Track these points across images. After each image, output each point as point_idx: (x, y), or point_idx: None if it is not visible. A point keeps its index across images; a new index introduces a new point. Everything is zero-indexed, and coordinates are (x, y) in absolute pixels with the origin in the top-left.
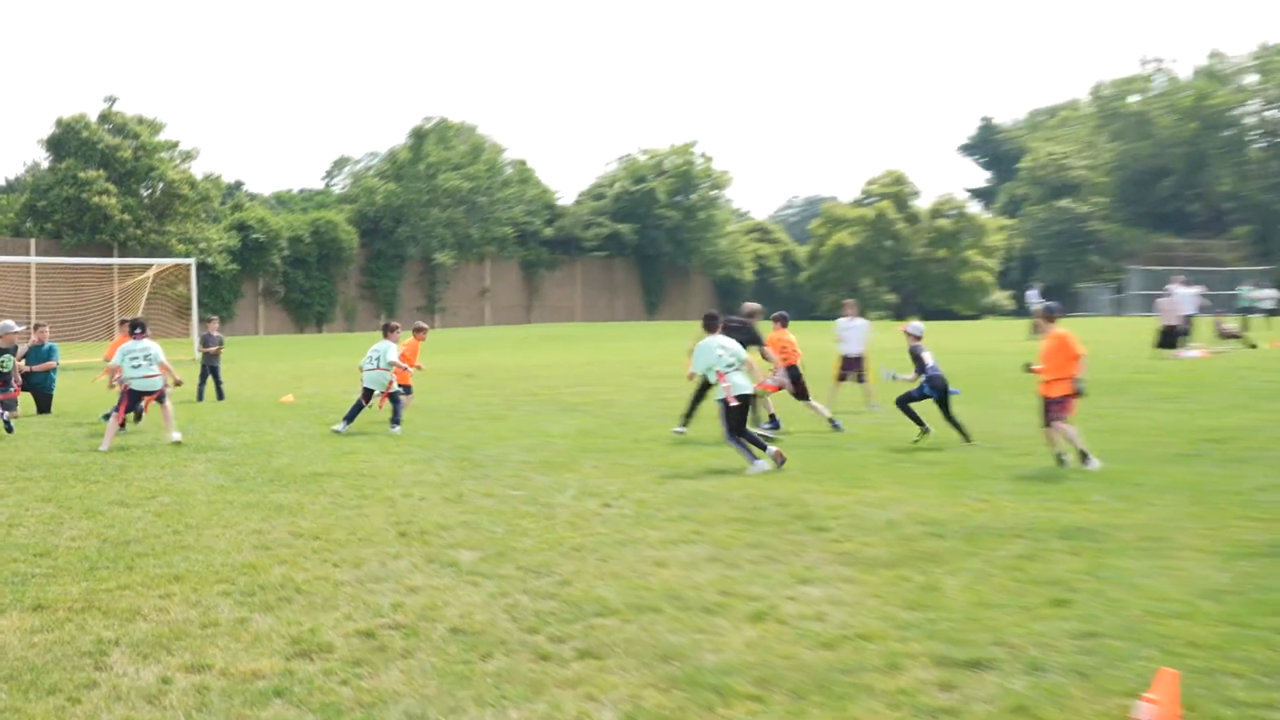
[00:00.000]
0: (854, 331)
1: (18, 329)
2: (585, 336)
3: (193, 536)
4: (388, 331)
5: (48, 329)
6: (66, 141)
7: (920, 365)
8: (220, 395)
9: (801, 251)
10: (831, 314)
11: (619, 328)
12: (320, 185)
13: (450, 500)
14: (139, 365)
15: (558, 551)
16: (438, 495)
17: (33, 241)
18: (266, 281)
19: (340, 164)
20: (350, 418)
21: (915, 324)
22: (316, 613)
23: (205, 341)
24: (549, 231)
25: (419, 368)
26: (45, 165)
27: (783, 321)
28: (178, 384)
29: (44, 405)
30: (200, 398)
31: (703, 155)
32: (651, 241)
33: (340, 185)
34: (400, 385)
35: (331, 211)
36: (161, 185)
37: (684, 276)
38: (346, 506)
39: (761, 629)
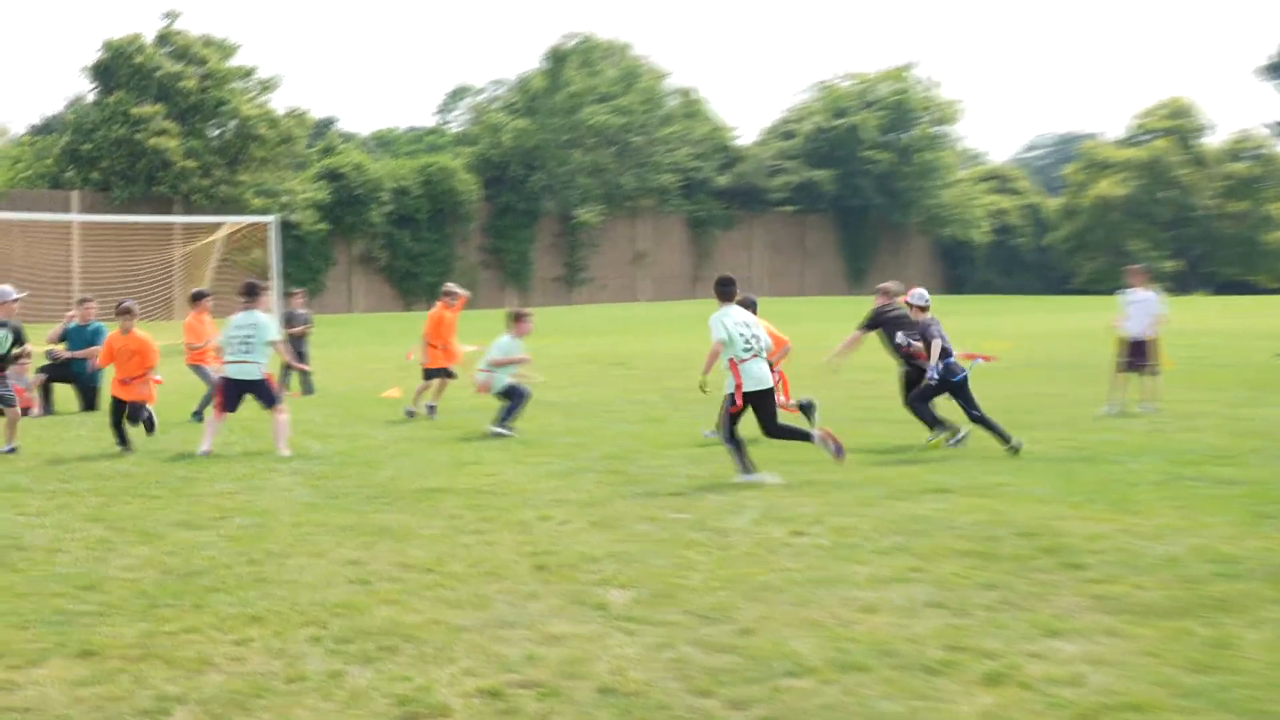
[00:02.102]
0: (1141, 307)
1: (16, 296)
2: (770, 314)
3: (274, 567)
4: (516, 321)
5: (94, 304)
6: (116, 69)
7: (941, 338)
8: (307, 389)
9: (1052, 205)
10: (1091, 287)
11: (812, 304)
12: (432, 122)
13: (598, 525)
14: (242, 347)
15: (736, 591)
16: (582, 518)
17: (75, 194)
18: (364, 245)
19: (457, 96)
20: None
21: (918, 291)
22: (429, 666)
23: (289, 321)
24: (723, 180)
25: (438, 348)
26: (90, 99)
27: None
28: (302, 372)
29: (89, 400)
30: (284, 385)
31: (924, 80)
32: (855, 192)
33: (457, 122)
34: (436, 369)
35: (446, 156)
36: (234, 123)
37: (898, 237)
38: (467, 531)
39: (999, 695)
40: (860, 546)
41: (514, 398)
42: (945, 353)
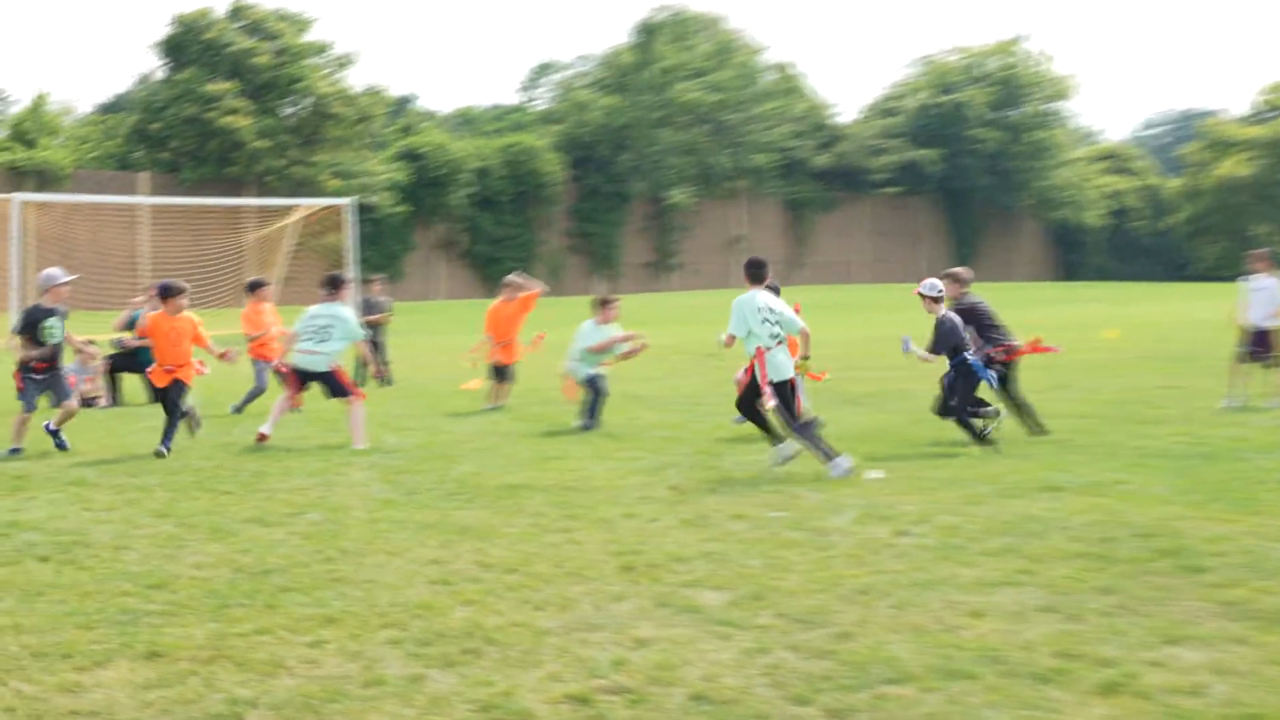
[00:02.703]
0: (1264, 295)
1: (66, 279)
2: (872, 303)
3: (350, 566)
4: (601, 307)
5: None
6: (187, 45)
7: (950, 341)
8: (385, 380)
9: (1171, 186)
10: (1212, 273)
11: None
12: (516, 100)
13: (689, 523)
14: (316, 337)
15: (834, 594)
16: (672, 516)
17: (143, 176)
18: (444, 229)
19: (542, 72)
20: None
21: (931, 281)
22: (512, 670)
23: (367, 308)
24: (823, 160)
25: (500, 344)
26: (160, 76)
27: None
28: (377, 376)
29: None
30: (359, 383)
31: (1035, 55)
32: (963, 173)
33: (543, 100)
34: (498, 366)
35: (531, 135)
36: (309, 102)
37: (1008, 220)
38: (552, 530)
39: (1115, 706)
40: (967, 547)
41: (595, 391)
42: (956, 350)
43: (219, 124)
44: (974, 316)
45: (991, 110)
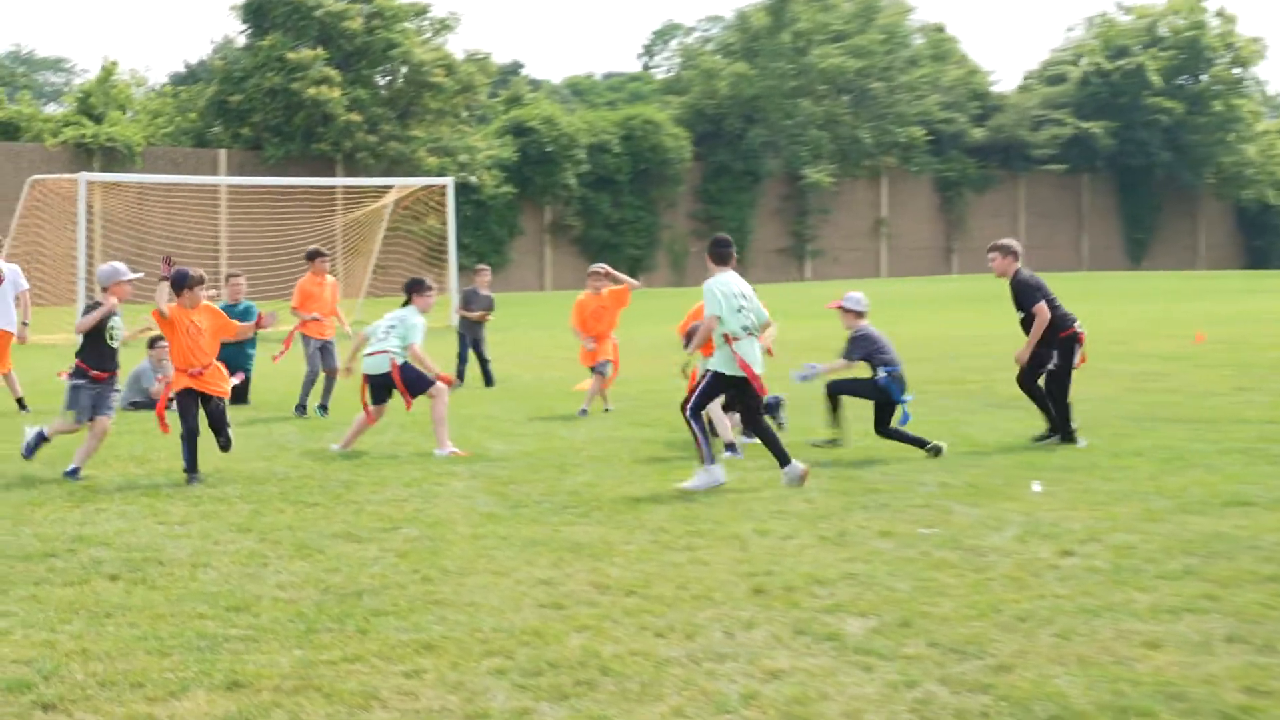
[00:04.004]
0: None
1: (130, 276)
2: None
3: (451, 587)
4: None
5: (244, 280)
6: (270, 8)
7: (873, 350)
8: (488, 380)
9: None
10: None
11: (1087, 280)
12: (635, 67)
13: (829, 541)
14: (378, 335)
15: (992, 621)
16: (810, 533)
17: (222, 153)
18: (556, 211)
19: (665, 36)
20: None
21: (854, 295)
22: (631, 704)
23: (467, 301)
24: (978, 134)
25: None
26: (240, 43)
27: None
28: (447, 383)
29: (240, 392)
30: (460, 379)
31: (1218, 14)
32: (1139, 148)
33: (665, 68)
34: (592, 365)
35: (652, 106)
36: (405, 70)
37: (1187, 201)
38: (675, 548)
39: None
40: (1142, 570)
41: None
42: (887, 359)
43: (306, 95)
44: (1040, 292)
45: (1170, 77)
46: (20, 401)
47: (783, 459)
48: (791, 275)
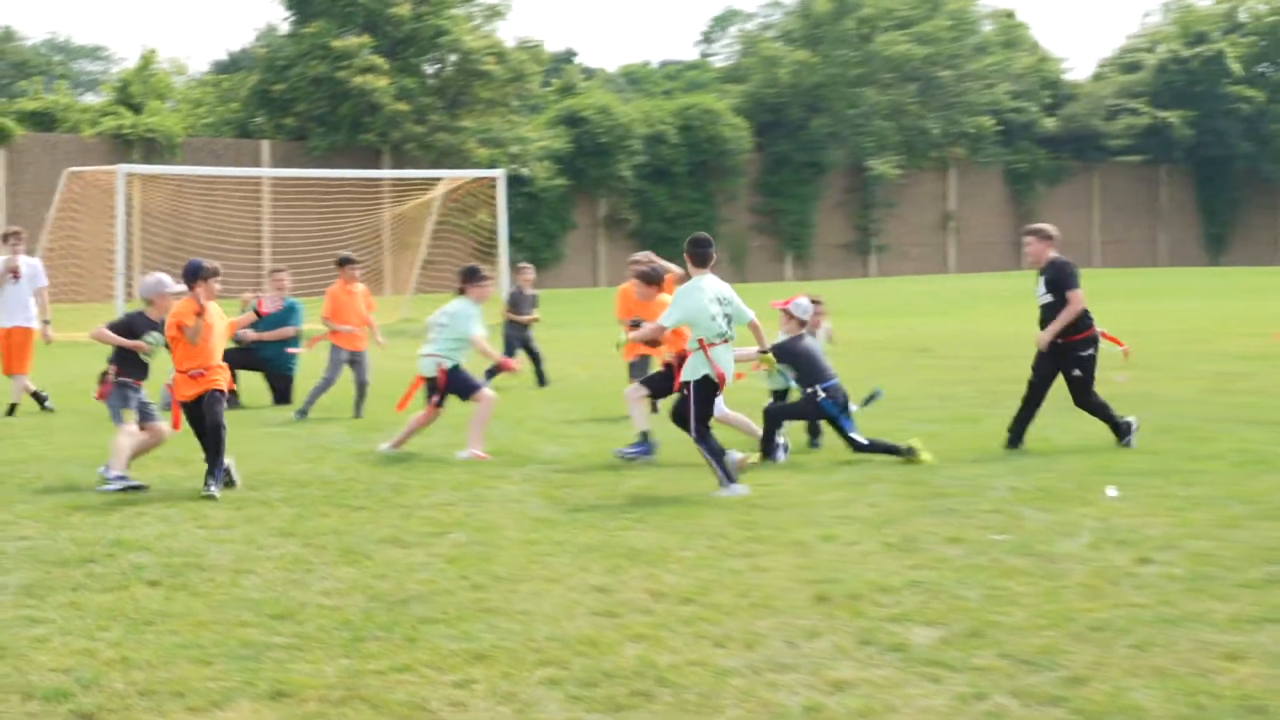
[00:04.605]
0: None
1: (174, 289)
2: (1107, 291)
3: (502, 595)
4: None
5: (287, 276)
6: None
7: (806, 366)
8: (541, 380)
9: None
10: None
11: (1165, 276)
12: (693, 55)
13: (895, 547)
14: (429, 336)
15: (1065, 631)
16: (875, 539)
17: (265, 145)
18: (610, 204)
19: (724, 22)
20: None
21: (802, 300)
22: (689, 716)
23: (515, 304)
24: (1050, 124)
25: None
26: (284, 30)
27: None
28: (499, 370)
29: (282, 392)
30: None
31: None
32: (1218, 138)
33: (724, 55)
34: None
35: (711, 95)
36: (454, 58)
37: (1270, 193)
38: (734, 554)
39: None
40: (1222, 578)
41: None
42: (822, 375)
43: (351, 84)
44: (1077, 279)
45: (1250, 66)
46: (13, 408)
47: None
48: (855, 271)
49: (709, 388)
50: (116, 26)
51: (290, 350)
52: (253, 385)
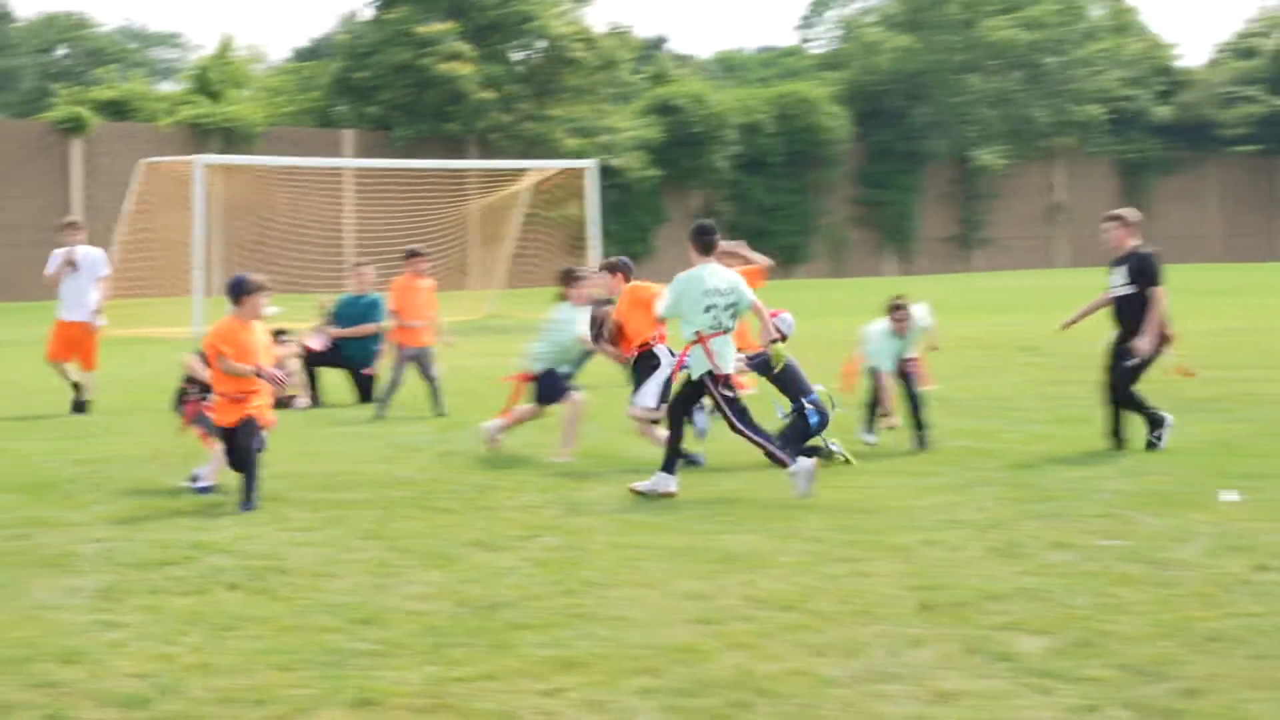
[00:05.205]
0: None
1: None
2: (1223, 286)
3: (595, 600)
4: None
5: (371, 271)
6: None
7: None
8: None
9: None
10: None
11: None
12: (790, 41)
13: (1001, 552)
14: (535, 337)
15: (1180, 641)
16: (980, 544)
17: (347, 134)
18: (704, 196)
19: (822, 7)
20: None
21: (786, 316)
22: None
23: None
24: (1163, 112)
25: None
26: (366, 16)
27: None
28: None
29: (366, 390)
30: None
31: None
32: None
33: (822, 41)
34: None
35: (808, 83)
36: (543, 45)
37: None
38: (835, 559)
39: None
40: None
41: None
42: (806, 389)
43: (436, 72)
44: (1160, 272)
45: None
46: (84, 404)
47: (668, 465)
48: (958, 266)
49: (715, 381)
50: (193, 13)
51: (374, 348)
52: (335, 383)
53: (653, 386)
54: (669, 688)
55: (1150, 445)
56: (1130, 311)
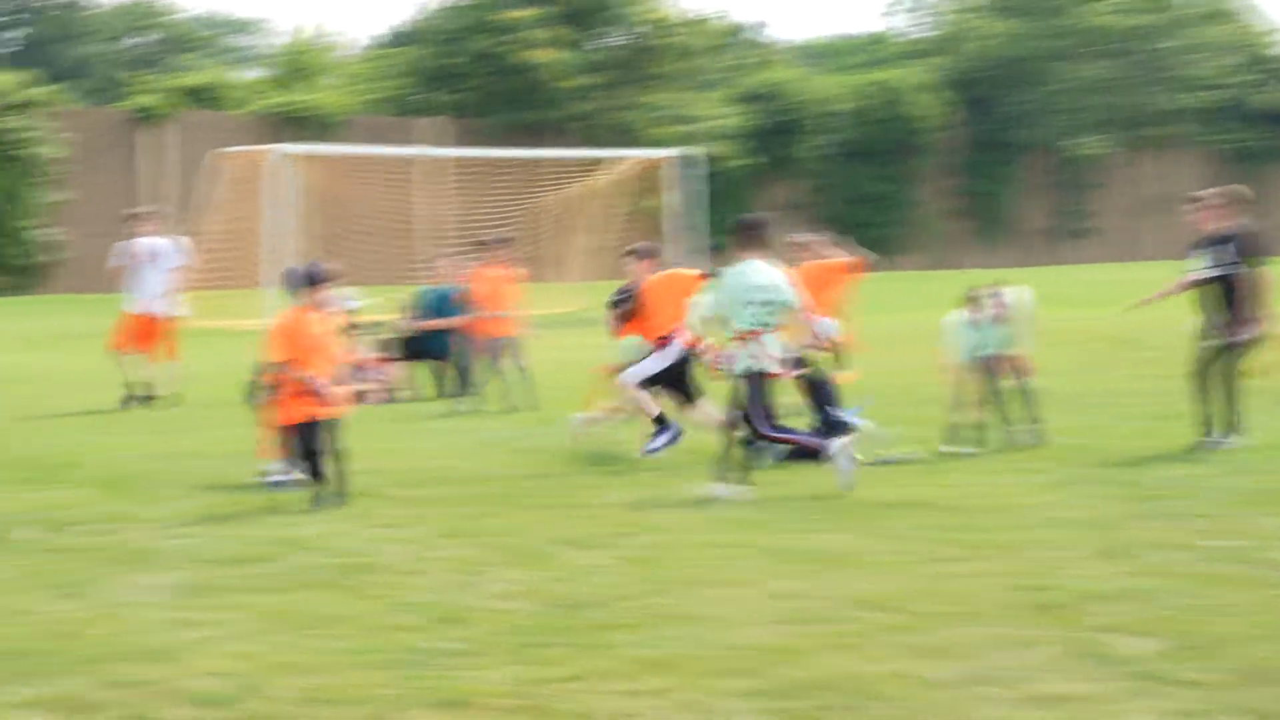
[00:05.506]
0: None
1: (347, 305)
2: None
3: (686, 600)
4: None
5: (454, 262)
6: None
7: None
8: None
9: None
10: None
11: None
12: (883, 27)
13: (1108, 553)
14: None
15: None
16: (1087, 544)
17: (426, 123)
18: (795, 186)
19: None
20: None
21: (827, 323)
22: None
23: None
24: (1259, 100)
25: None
26: (448, 2)
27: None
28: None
29: (451, 384)
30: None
31: None
32: None
33: (916, 28)
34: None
35: (902, 69)
36: (629, 31)
37: None
38: (938, 558)
39: None
40: None
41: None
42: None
43: (519, 59)
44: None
45: None
46: (141, 397)
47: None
48: (1058, 258)
49: (761, 379)
50: (273, 0)
51: (459, 341)
52: (421, 378)
53: (647, 366)
54: (764, 689)
55: (1210, 445)
56: (1223, 294)
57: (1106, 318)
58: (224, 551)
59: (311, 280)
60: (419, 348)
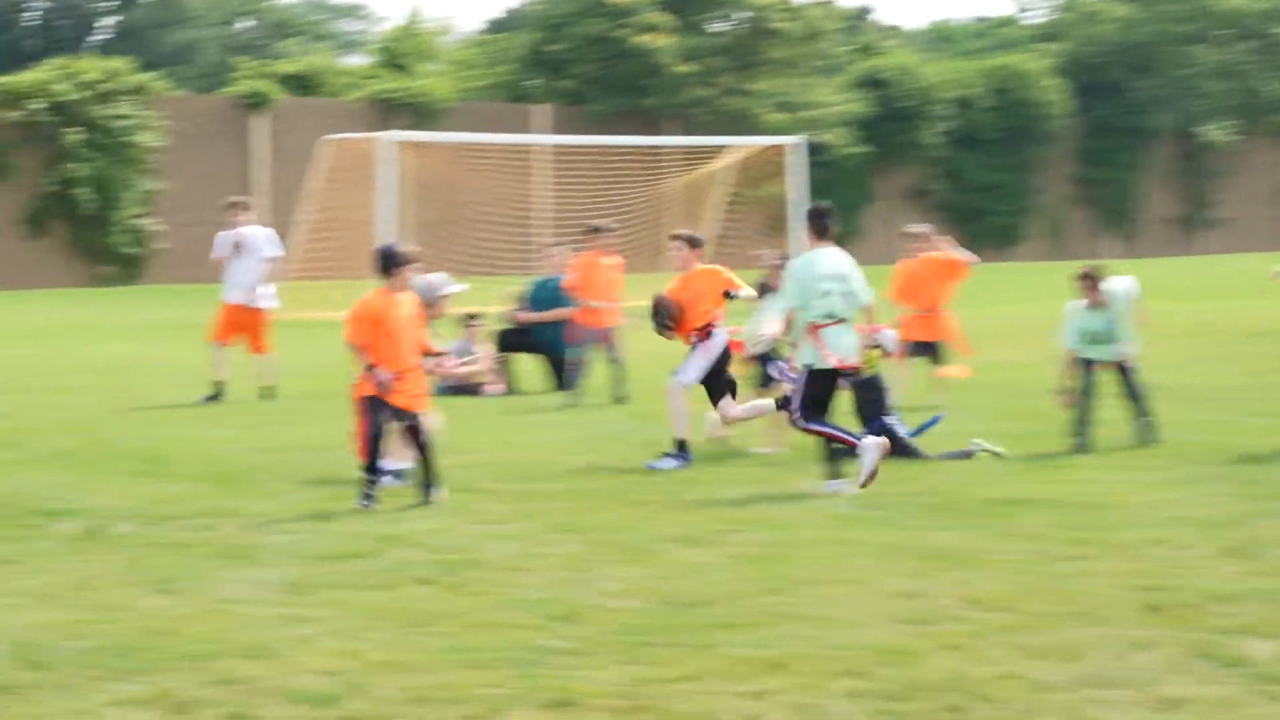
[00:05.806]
0: None
1: (451, 289)
2: None
3: (800, 599)
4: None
5: (564, 252)
6: None
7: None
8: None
9: None
10: None
11: None
12: (1006, 10)
13: (1232, 553)
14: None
15: None
16: (1210, 543)
17: (540, 110)
18: (914, 174)
19: None
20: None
21: (889, 332)
22: None
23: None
24: None
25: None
26: None
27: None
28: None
29: (561, 377)
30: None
31: None
32: None
33: (1039, 12)
34: (918, 343)
35: (1024, 55)
36: (745, 16)
37: None
38: (1055, 557)
39: None
40: None
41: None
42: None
43: (632, 44)
44: None
45: None
46: (269, 389)
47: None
48: (1185, 248)
49: (822, 375)
50: None
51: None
52: (530, 369)
53: (696, 361)
54: (878, 690)
55: None
56: None
57: (1232, 309)
58: (328, 547)
59: (389, 262)
60: (529, 339)
